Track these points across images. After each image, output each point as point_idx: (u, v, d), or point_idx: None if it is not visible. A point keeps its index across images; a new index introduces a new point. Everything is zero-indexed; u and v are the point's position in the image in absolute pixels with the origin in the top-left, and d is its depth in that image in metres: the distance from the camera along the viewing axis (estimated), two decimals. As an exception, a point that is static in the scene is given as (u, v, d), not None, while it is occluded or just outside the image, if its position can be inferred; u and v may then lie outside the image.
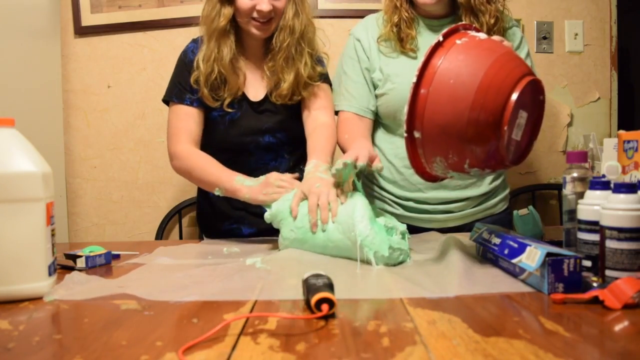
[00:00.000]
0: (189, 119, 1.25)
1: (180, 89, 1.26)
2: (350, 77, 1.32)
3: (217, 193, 1.18)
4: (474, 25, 0.91)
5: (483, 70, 0.79)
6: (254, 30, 1.21)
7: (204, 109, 1.27)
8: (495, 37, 0.91)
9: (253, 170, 1.24)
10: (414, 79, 0.82)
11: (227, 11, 1.19)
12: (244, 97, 1.27)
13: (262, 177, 1.13)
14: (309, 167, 1.13)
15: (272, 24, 1.22)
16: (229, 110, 1.26)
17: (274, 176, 1.12)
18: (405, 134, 0.84)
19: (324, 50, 1.35)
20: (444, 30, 0.85)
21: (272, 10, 1.18)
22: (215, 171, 1.19)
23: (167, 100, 1.30)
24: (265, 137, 1.30)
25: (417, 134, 0.84)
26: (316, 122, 1.28)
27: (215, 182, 1.17)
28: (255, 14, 1.18)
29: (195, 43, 1.29)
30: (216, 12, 1.20)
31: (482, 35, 0.87)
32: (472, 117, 0.78)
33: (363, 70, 1.31)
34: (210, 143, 1.29)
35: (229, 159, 1.23)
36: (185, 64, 1.27)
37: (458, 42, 0.84)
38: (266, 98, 1.29)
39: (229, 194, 1.16)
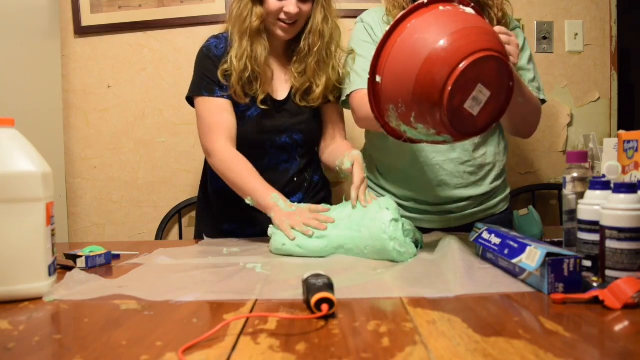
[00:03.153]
0: (223, 112, 1.24)
1: (209, 82, 1.25)
2: (366, 58, 1.27)
3: (248, 202, 1.17)
4: (472, 4, 0.91)
5: (448, 32, 0.82)
6: (279, 32, 1.24)
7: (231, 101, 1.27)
8: (499, 28, 0.94)
9: (265, 170, 1.26)
10: (387, 28, 0.87)
11: (259, 11, 1.21)
12: (267, 95, 1.28)
13: (295, 206, 1.13)
14: (354, 152, 1.18)
15: (297, 26, 1.25)
16: (251, 106, 1.27)
17: (302, 213, 1.10)
18: (368, 76, 0.89)
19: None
20: None
21: (299, 13, 1.21)
22: (253, 182, 1.17)
23: (190, 97, 1.29)
24: (283, 137, 1.31)
25: (378, 78, 0.89)
26: (335, 132, 1.37)
27: (250, 193, 1.16)
28: (282, 16, 1.21)
29: (217, 39, 1.29)
30: (248, 11, 1.21)
31: (470, 10, 0.89)
32: (423, 70, 0.82)
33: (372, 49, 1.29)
34: None
35: (244, 156, 1.24)
36: (210, 58, 1.26)
37: (441, 8, 0.88)
38: (288, 98, 1.31)
39: (260, 208, 1.16)
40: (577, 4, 1.90)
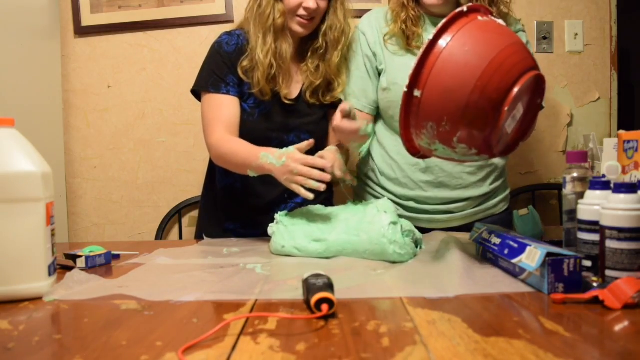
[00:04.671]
0: (225, 107, 1.25)
1: (216, 79, 1.25)
2: (352, 72, 1.33)
3: (250, 174, 1.16)
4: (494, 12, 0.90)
5: (500, 48, 0.79)
6: (297, 27, 1.25)
7: (239, 98, 1.27)
8: None
9: None
10: (431, 36, 0.80)
11: (281, 7, 1.22)
12: (277, 92, 1.29)
13: (284, 152, 1.09)
14: (329, 147, 1.25)
15: (314, 22, 1.26)
16: (261, 103, 1.27)
17: (294, 159, 1.07)
18: (405, 89, 0.82)
19: None
20: (469, 4, 0.85)
21: (317, 9, 1.22)
22: (243, 151, 1.17)
23: (195, 91, 1.29)
24: (291, 135, 1.31)
25: (417, 93, 0.81)
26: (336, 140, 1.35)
27: (245, 163, 1.15)
28: (301, 11, 1.22)
29: (229, 35, 1.29)
30: (271, 8, 1.22)
31: (501, 22, 0.87)
32: (478, 88, 0.77)
33: (367, 64, 1.32)
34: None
35: None
36: (220, 55, 1.27)
37: (480, 18, 0.84)
38: (299, 97, 1.32)
39: (259, 172, 1.14)
40: (577, 4, 1.90)
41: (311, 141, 1.12)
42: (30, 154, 0.76)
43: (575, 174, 0.85)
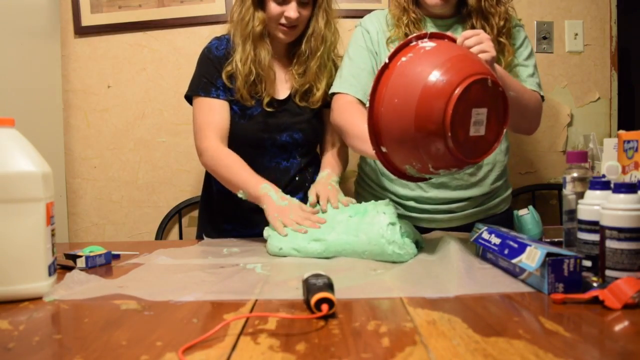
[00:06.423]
0: (215, 112, 1.27)
1: (206, 83, 1.27)
2: (358, 64, 1.29)
3: (240, 195, 1.19)
4: (429, 32, 0.92)
5: (422, 83, 0.83)
6: (281, 35, 1.27)
7: (228, 101, 1.29)
8: (460, 39, 0.95)
9: (265, 169, 1.28)
10: (367, 103, 0.88)
11: (261, 15, 1.24)
12: (261, 97, 1.30)
13: (287, 199, 1.14)
14: (323, 174, 1.28)
15: (298, 30, 1.28)
16: (252, 106, 1.28)
17: (294, 211, 1.11)
18: (374, 150, 0.92)
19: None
20: (391, 52, 0.90)
21: (299, 18, 1.24)
22: (243, 174, 1.19)
23: (189, 96, 1.31)
24: (283, 135, 1.32)
25: (384, 149, 0.91)
26: (334, 138, 1.38)
27: (242, 185, 1.18)
28: (283, 20, 1.24)
29: (219, 40, 1.32)
30: (250, 15, 1.24)
31: (429, 45, 0.89)
32: (418, 126, 0.83)
33: (371, 58, 1.30)
34: (228, 137, 1.30)
35: (244, 155, 1.25)
36: (210, 59, 1.29)
37: (403, 59, 0.88)
38: (289, 98, 1.33)
39: (252, 199, 1.18)
40: (577, 4, 1.90)
41: (320, 217, 1.12)
42: (30, 154, 0.76)
43: (575, 174, 0.85)
